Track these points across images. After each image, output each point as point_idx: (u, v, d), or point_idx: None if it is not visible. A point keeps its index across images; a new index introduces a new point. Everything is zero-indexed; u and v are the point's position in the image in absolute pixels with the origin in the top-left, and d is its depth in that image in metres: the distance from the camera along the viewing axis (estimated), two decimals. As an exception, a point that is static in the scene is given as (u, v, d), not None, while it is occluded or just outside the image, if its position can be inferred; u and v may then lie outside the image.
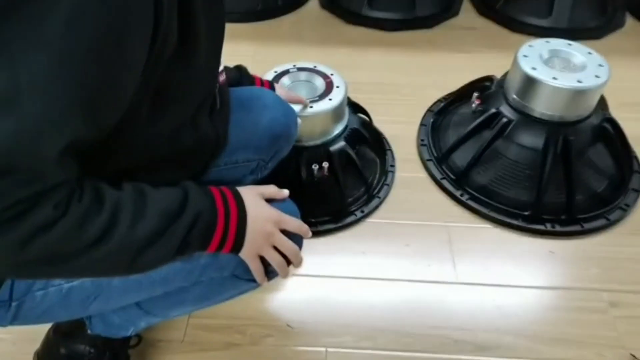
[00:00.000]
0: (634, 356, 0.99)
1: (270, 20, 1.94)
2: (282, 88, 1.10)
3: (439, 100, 1.54)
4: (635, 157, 1.37)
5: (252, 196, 0.69)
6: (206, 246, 0.64)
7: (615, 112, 1.48)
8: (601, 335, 1.02)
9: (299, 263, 0.74)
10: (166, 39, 0.51)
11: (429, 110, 1.52)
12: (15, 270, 0.55)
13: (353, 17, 1.93)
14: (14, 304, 0.68)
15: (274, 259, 0.71)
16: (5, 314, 0.68)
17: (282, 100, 0.93)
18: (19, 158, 0.45)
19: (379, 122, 1.46)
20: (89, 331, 0.86)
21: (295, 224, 0.73)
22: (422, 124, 1.48)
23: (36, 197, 0.47)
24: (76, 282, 0.69)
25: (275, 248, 0.71)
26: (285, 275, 0.74)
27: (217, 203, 0.64)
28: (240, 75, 1.00)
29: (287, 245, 0.71)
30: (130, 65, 0.49)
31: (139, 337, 0.95)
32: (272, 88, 1.04)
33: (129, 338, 0.91)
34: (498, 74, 1.40)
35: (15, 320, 0.70)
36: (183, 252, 0.62)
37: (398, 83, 1.67)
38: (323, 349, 1.00)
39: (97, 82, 0.47)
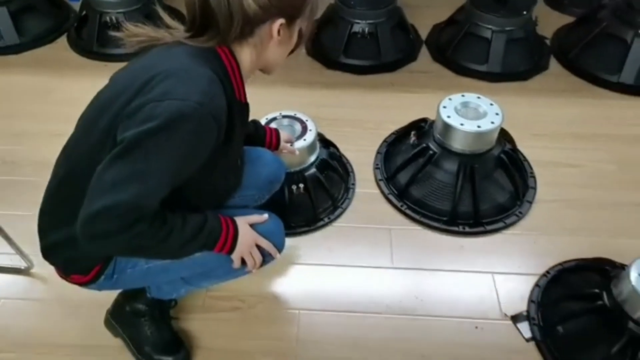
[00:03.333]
0: (506, 315, 1.47)
1: (267, 66, 2.44)
2: (284, 132, 1.58)
3: (392, 133, 2.03)
4: (533, 177, 1.86)
5: (243, 223, 1.16)
6: (214, 248, 1.10)
7: (527, 141, 1.99)
8: (486, 304, 1.51)
9: (258, 267, 1.20)
10: (217, 143, 0.99)
11: (384, 141, 2.01)
12: (121, 254, 1.06)
13: (332, 63, 2.43)
14: (115, 276, 1.17)
15: (249, 261, 1.17)
16: (108, 283, 1.16)
17: (276, 157, 1.45)
18: (140, 204, 0.91)
19: (346, 151, 1.96)
20: (148, 295, 1.35)
21: (266, 244, 1.18)
22: (378, 152, 1.97)
23: (140, 219, 0.94)
24: (151, 264, 1.17)
25: (252, 254, 1.18)
26: (251, 270, 1.20)
27: (222, 225, 1.11)
28: (255, 127, 1.49)
29: (257, 255, 1.17)
30: (201, 160, 0.98)
31: (175, 301, 1.44)
32: (278, 134, 1.54)
33: (171, 301, 1.40)
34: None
35: (112, 287, 1.20)
36: (202, 250, 1.10)
37: (364, 119, 2.16)
38: (297, 311, 1.49)
39: (183, 169, 0.96)
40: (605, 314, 1.32)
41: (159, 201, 0.95)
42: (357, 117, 2.17)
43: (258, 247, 1.18)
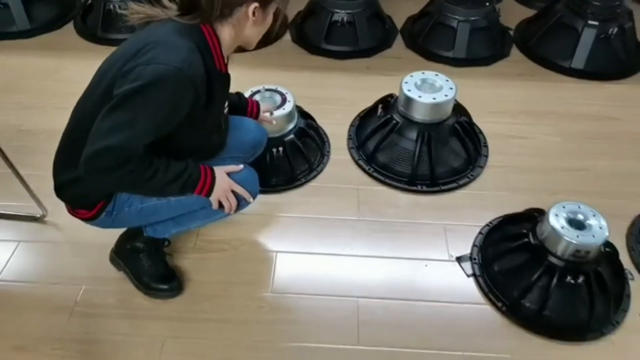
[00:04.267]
0: (452, 256, 1.72)
1: (256, 51, 2.68)
2: (264, 104, 1.83)
3: (364, 109, 2.28)
4: (486, 146, 2.12)
5: (220, 171, 1.39)
6: (193, 190, 1.33)
7: (484, 117, 2.25)
8: (436, 248, 1.76)
9: (234, 210, 1.43)
10: (198, 104, 1.23)
11: (358, 115, 2.26)
12: (117, 188, 1.32)
13: (314, 49, 2.68)
14: (114, 213, 1.42)
15: (225, 204, 1.40)
16: (108, 219, 1.42)
17: (259, 126, 1.71)
18: (129, 147, 1.16)
19: (324, 124, 2.21)
20: (144, 234, 1.59)
21: (240, 190, 1.41)
22: (351, 125, 2.22)
23: (130, 158, 1.18)
24: (144, 204, 1.41)
25: (227, 198, 1.41)
26: (229, 212, 1.42)
27: (201, 172, 1.34)
28: (239, 99, 1.74)
29: (232, 199, 1.40)
30: (180, 115, 1.21)
31: (169, 241, 1.68)
32: (258, 105, 1.78)
33: (164, 240, 1.64)
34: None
35: (111, 225, 1.45)
36: (184, 191, 1.32)
37: (342, 97, 2.41)
38: (274, 253, 1.74)
39: (164, 121, 1.19)
40: (531, 250, 1.57)
41: (144, 145, 1.19)
42: (335, 96, 2.42)
43: (234, 192, 1.41)
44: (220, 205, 1.41)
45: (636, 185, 2.00)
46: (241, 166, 1.46)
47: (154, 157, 1.24)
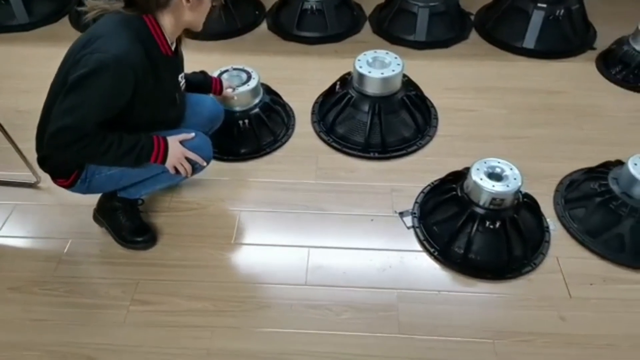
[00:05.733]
0: (395, 211, 1.94)
1: (233, 39, 2.92)
2: (225, 81, 2.07)
3: (328, 88, 2.50)
4: (436, 118, 2.33)
5: (173, 140, 1.58)
6: (148, 160, 1.53)
7: (438, 93, 2.47)
8: (382, 205, 1.98)
9: (191, 174, 1.64)
10: (145, 85, 1.44)
11: (322, 94, 2.48)
12: (79, 160, 1.55)
13: (287, 35, 2.91)
14: (87, 180, 1.64)
15: (180, 170, 1.60)
16: (84, 185, 1.64)
17: (215, 102, 1.92)
18: (80, 126, 1.37)
19: (292, 101, 2.43)
20: (118, 195, 1.82)
21: (193, 156, 1.61)
22: (315, 102, 2.45)
23: (84, 135, 1.40)
24: (112, 171, 1.62)
25: (182, 164, 1.61)
26: (186, 176, 1.64)
27: (154, 142, 1.54)
28: (204, 77, 1.97)
29: (186, 165, 1.60)
30: (125, 96, 1.42)
31: (142, 200, 1.91)
32: (221, 82, 2.01)
33: (137, 199, 1.87)
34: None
35: (87, 190, 1.68)
36: (139, 161, 1.53)
37: (310, 78, 2.63)
38: (238, 211, 1.97)
39: (110, 102, 1.41)
40: (458, 202, 1.79)
41: (95, 124, 1.41)
42: (304, 77, 2.65)
43: (188, 158, 1.61)
44: (177, 170, 1.60)
45: (573, 150, 2.21)
46: (192, 134, 1.64)
47: (108, 133, 1.44)
